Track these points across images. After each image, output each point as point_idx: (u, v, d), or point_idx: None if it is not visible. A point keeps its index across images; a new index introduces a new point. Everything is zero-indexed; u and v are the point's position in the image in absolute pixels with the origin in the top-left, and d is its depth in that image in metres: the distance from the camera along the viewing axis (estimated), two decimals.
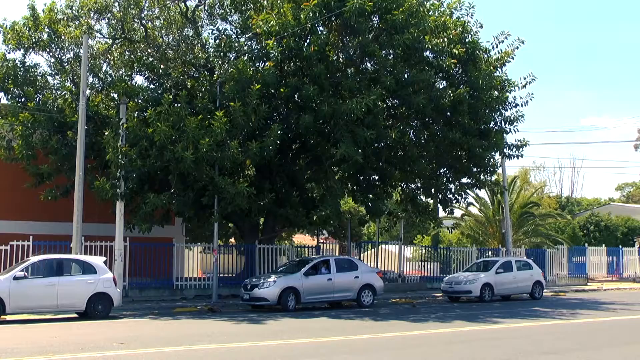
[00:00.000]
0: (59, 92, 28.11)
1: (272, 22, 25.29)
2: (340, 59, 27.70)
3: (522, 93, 29.00)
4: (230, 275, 32.49)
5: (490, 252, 38.72)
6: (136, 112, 25.05)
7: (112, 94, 28.15)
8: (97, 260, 21.89)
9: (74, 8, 28.72)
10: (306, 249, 35.07)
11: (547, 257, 40.29)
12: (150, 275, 27.86)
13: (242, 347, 14.78)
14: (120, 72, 29.34)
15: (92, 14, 28.45)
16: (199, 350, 14.23)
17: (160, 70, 27.75)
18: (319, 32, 26.04)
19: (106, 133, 24.54)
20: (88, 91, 26.13)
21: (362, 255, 36.81)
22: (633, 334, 17.93)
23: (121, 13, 28.13)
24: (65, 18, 28.65)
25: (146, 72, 28.75)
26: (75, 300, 20.68)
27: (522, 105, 29.77)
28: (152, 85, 28.22)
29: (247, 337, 16.42)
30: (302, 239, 51.35)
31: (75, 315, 21.34)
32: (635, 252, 48.31)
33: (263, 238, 30.19)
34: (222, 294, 27.75)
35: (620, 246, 49.41)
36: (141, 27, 28.97)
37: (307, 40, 25.85)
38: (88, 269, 21.20)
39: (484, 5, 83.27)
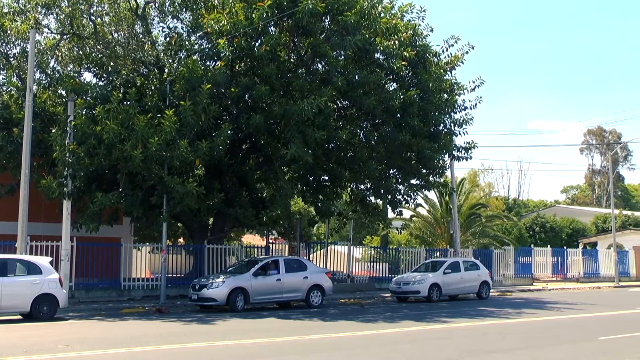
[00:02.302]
0: (4, 88, 27.60)
1: (223, 22, 25.18)
2: (292, 60, 27.72)
3: (471, 96, 29.63)
4: (178, 275, 32.25)
5: (438, 253, 39.11)
6: (84, 110, 24.70)
7: (59, 91, 27.64)
8: (43, 261, 21.46)
9: (20, 2, 28.16)
10: (255, 249, 35.00)
11: (494, 258, 40.90)
12: (97, 276, 27.47)
13: (191, 347, 14.68)
14: (69, 69, 28.90)
15: (39, 9, 27.88)
16: (146, 351, 14.09)
17: (110, 68, 27.37)
18: (271, 33, 26.03)
19: (53, 130, 24.15)
20: (35, 87, 25.70)
21: (311, 255, 36.87)
22: (576, 332, 18.30)
23: (70, 8, 27.66)
24: (11, 12, 28.06)
25: (95, 69, 28.31)
26: (19, 302, 20.21)
27: (471, 108, 30.28)
28: (100, 83, 27.78)
29: (195, 337, 16.31)
30: (251, 239, 51.22)
31: (20, 317, 20.88)
32: (579, 253, 49.38)
33: (212, 238, 30.02)
34: (170, 294, 27.51)
35: (565, 247, 50.47)
36: (90, 23, 28.56)
37: (259, 40, 25.79)
38: (33, 269, 20.75)
39: (434, 10, 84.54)
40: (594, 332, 18.14)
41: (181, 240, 44.33)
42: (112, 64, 27.31)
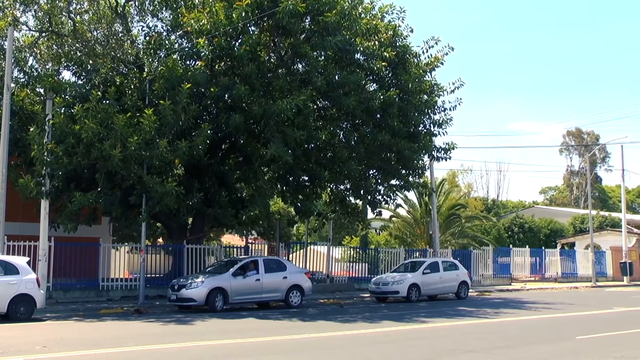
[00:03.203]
0: None
1: (203, 21, 25.12)
2: (272, 60, 27.71)
3: (451, 97, 29.86)
4: (157, 275, 32.12)
5: (417, 253, 39.22)
6: (63, 108, 24.54)
7: (38, 89, 27.40)
8: (20, 261, 21.27)
9: None
10: (235, 249, 34.95)
11: (472, 258, 41.13)
12: (75, 276, 27.30)
13: (170, 348, 14.63)
14: (47, 67, 28.65)
15: (17, 5, 27.61)
16: (124, 352, 14.01)
17: (89, 66, 27.17)
18: (251, 32, 26.02)
19: (31, 129, 23.94)
20: (13, 85, 25.48)
21: (291, 255, 36.85)
22: (554, 332, 18.42)
23: (48, 5, 27.43)
24: None
25: (74, 68, 28.04)
26: None
27: (450, 109, 30.48)
28: (79, 81, 27.57)
29: (174, 338, 16.26)
30: (230, 239, 51.09)
31: None
32: (557, 253, 49.79)
33: (191, 238, 29.91)
34: (149, 294, 27.38)
35: (543, 247, 50.85)
36: (69, 20, 28.33)
37: (239, 40, 25.78)
38: (10, 269, 20.55)
39: (415, 11, 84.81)
40: (571, 331, 18.28)
41: (160, 240, 44.11)
42: (91, 62, 27.13)
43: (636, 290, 40.42)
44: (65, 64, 28.21)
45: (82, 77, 27.89)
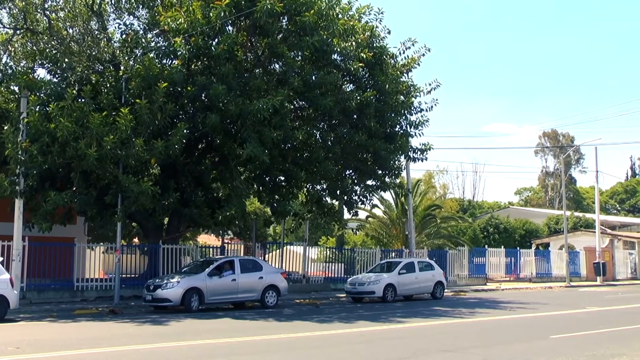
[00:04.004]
0: None
1: (180, 20, 25.02)
2: (249, 59, 27.67)
3: (427, 98, 29.99)
4: (133, 276, 31.91)
5: (393, 254, 39.33)
6: (38, 107, 24.31)
7: (12, 87, 27.13)
8: None
9: None
10: (211, 249, 34.82)
11: (448, 258, 41.34)
12: (50, 277, 27.08)
13: (145, 349, 14.55)
14: (22, 64, 28.43)
15: None
16: (99, 353, 13.92)
17: (64, 64, 26.96)
18: (228, 32, 25.94)
19: (5, 127, 23.72)
20: None
21: (267, 256, 36.83)
22: (528, 331, 18.57)
23: (23, 2, 27.25)
24: None
25: (49, 65, 27.81)
26: None
27: (427, 110, 30.57)
28: (55, 79, 27.37)
29: (149, 338, 16.18)
30: (207, 239, 50.96)
31: None
32: (531, 253, 50.18)
33: (167, 238, 29.78)
34: (124, 295, 27.22)
35: (518, 248, 51.24)
36: (44, 17, 28.11)
37: (216, 40, 25.68)
38: None
39: (392, 12, 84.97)
40: (545, 331, 18.42)
41: (136, 240, 43.88)
42: (66, 60, 26.91)
43: (609, 290, 40.83)
44: (40, 62, 27.97)
45: (57, 75, 27.70)
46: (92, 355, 13.70)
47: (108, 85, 26.36)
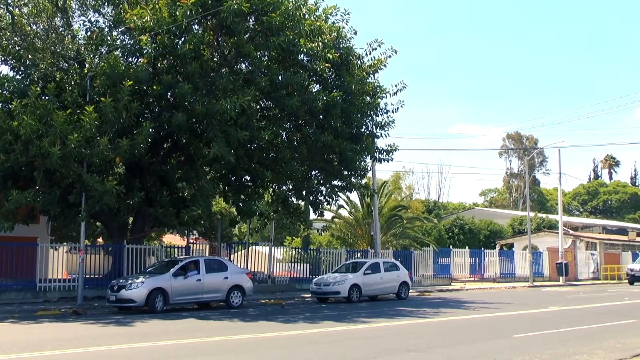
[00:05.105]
0: None
1: (146, 18, 24.86)
2: (215, 59, 27.57)
3: (393, 100, 30.15)
4: (97, 276, 31.63)
5: (359, 254, 39.44)
6: (0, 104, 23.99)
7: None
8: None
9: None
10: (176, 249, 34.63)
11: (413, 259, 41.56)
12: (11, 277, 26.73)
13: (108, 350, 14.41)
14: None
15: None
16: (61, 355, 13.75)
17: (28, 61, 26.60)
18: (195, 31, 25.83)
19: None
20: None
21: (232, 256, 36.70)
22: (492, 330, 18.75)
23: None
24: None
25: (12, 62, 27.43)
26: None
27: (393, 111, 30.77)
28: (18, 76, 27.00)
29: (113, 339, 16.03)
30: (172, 239, 50.63)
31: None
32: (496, 254, 50.68)
33: (132, 238, 29.56)
34: (88, 295, 26.95)
35: (482, 248, 51.71)
36: (7, 13, 27.67)
37: (182, 38, 25.54)
38: None
39: (358, 13, 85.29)
40: (508, 330, 18.62)
41: (100, 240, 43.49)
42: (30, 57, 26.56)
43: (571, 290, 41.40)
44: (3, 59, 27.58)
45: (20, 72, 27.32)
46: (55, 356, 13.53)
47: (72, 83, 26.09)
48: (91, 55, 26.36)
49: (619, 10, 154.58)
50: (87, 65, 26.08)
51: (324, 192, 32.74)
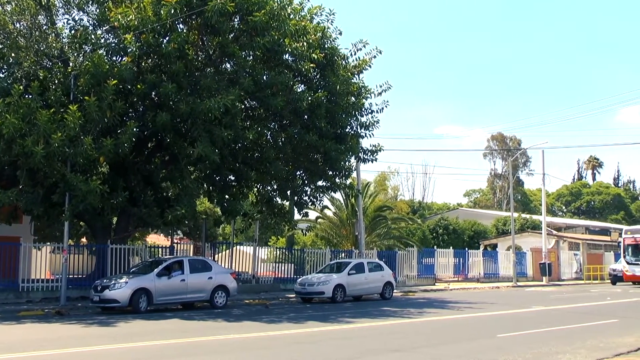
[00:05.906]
0: None
1: (131, 17, 24.77)
2: (200, 58, 27.50)
3: (378, 100, 30.23)
4: (80, 276, 31.43)
5: (343, 254, 39.47)
6: None
7: None
8: None
9: None
10: (160, 249, 34.52)
11: (398, 259, 41.65)
12: None
13: (92, 351, 14.34)
14: None
15: None
16: (44, 356, 13.67)
17: (11, 59, 26.40)
18: (179, 30, 25.75)
19: None
20: None
21: (216, 256, 36.62)
22: (475, 330, 18.82)
23: None
24: None
25: None
26: None
27: (377, 111, 30.83)
28: (1, 75, 26.80)
29: (97, 340, 15.96)
30: (156, 239, 50.46)
31: None
32: (480, 254, 50.88)
33: (116, 238, 29.43)
34: (71, 296, 26.79)
35: (466, 248, 51.90)
36: None
37: (167, 38, 25.46)
38: None
39: (343, 13, 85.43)
40: (492, 329, 18.70)
41: (84, 240, 43.25)
42: (13, 55, 26.36)
43: (555, 290, 41.61)
44: None
45: (3, 71, 27.12)
46: (38, 357, 13.46)
47: (56, 82, 25.94)
48: (75, 54, 26.22)
49: (602, 10, 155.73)
50: (71, 64, 25.94)
51: (308, 192, 32.74)
